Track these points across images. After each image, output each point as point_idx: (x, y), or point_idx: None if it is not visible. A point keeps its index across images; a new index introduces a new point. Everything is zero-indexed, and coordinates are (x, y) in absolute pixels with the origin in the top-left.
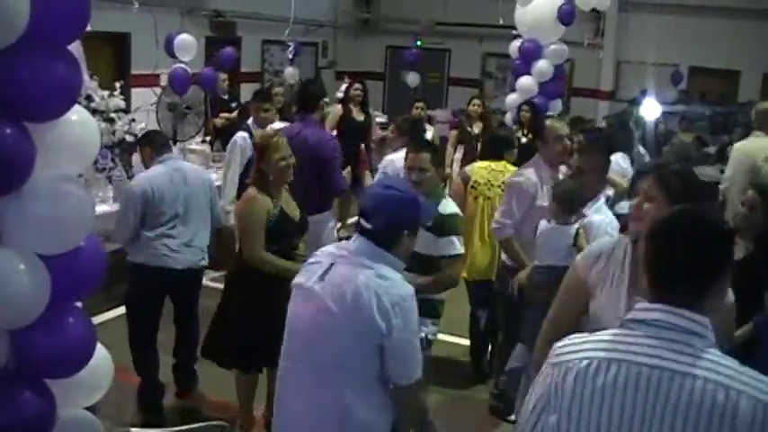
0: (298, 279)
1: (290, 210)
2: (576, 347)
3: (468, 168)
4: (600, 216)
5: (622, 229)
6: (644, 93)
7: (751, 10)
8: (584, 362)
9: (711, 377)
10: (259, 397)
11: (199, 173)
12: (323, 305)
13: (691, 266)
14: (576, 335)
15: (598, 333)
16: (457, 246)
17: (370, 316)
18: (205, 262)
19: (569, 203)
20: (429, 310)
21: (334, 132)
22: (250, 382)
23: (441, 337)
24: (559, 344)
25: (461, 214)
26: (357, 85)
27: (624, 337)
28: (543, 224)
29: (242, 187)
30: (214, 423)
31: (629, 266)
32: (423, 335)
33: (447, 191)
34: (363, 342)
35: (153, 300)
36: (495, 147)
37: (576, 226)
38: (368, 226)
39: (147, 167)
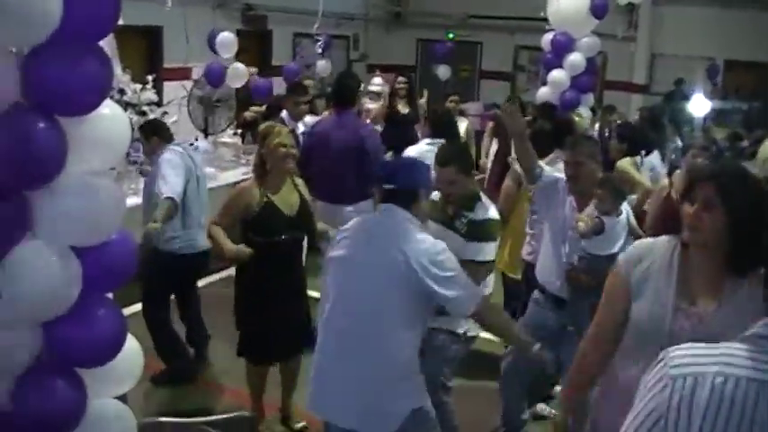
0: (337, 252)
1: (283, 203)
2: (704, 359)
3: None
4: None
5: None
6: (679, 83)
7: None
8: (719, 378)
9: None
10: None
11: (198, 154)
12: (366, 269)
13: None
14: (696, 344)
15: (723, 345)
16: (484, 252)
17: (410, 271)
18: None
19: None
20: None
21: (379, 127)
22: (259, 373)
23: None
24: (676, 353)
25: (496, 218)
26: (401, 79)
27: (757, 354)
28: (607, 219)
29: None
30: (240, 414)
31: (676, 270)
32: (461, 330)
33: (481, 193)
34: (408, 295)
35: (177, 284)
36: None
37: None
38: (390, 186)
39: (151, 157)
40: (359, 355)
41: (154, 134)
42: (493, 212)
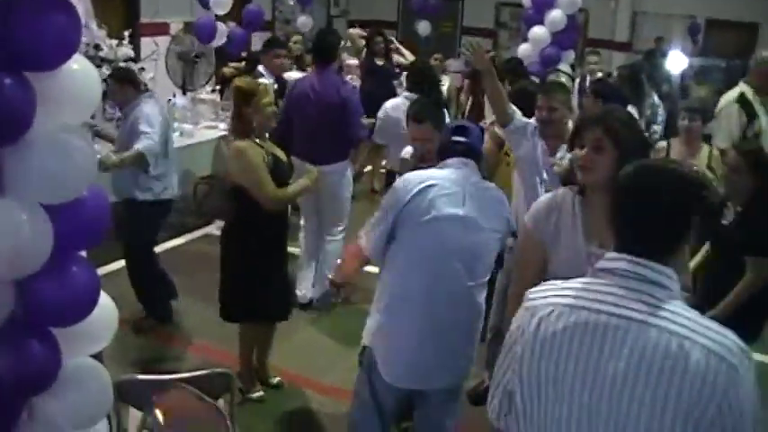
0: (445, 210)
1: (278, 153)
2: (546, 293)
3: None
4: None
5: (564, 183)
6: (659, 40)
7: None
8: (549, 308)
9: (668, 327)
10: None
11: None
12: (474, 224)
13: (655, 217)
14: (551, 282)
15: (570, 281)
16: None
17: (506, 219)
18: None
19: None
20: None
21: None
22: (259, 332)
23: None
24: (534, 289)
25: None
26: (378, 39)
27: (591, 286)
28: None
29: None
30: (218, 371)
31: (580, 218)
32: None
33: None
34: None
35: (158, 228)
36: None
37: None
38: (465, 140)
39: (122, 106)
40: (464, 307)
41: (129, 82)
42: None
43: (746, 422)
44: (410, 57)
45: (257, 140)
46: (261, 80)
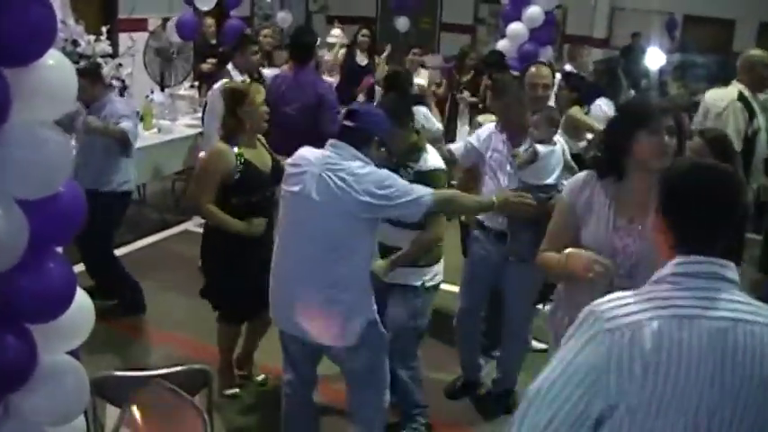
0: (290, 188)
1: (260, 160)
2: (634, 308)
3: (481, 118)
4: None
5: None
6: (636, 36)
7: None
8: (654, 322)
9: (760, 320)
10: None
11: None
12: (311, 201)
13: (727, 219)
14: (621, 294)
15: (643, 291)
16: None
17: (358, 201)
18: None
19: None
20: (430, 259)
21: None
22: (231, 331)
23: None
24: (605, 306)
25: (443, 167)
26: (365, 31)
27: (678, 292)
28: (541, 148)
29: None
30: (195, 367)
31: (612, 194)
32: (418, 283)
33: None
34: (352, 222)
35: (118, 220)
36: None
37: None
38: (349, 123)
39: (90, 103)
40: (318, 279)
41: (99, 79)
42: (439, 162)
43: None
44: (423, 81)
45: (240, 146)
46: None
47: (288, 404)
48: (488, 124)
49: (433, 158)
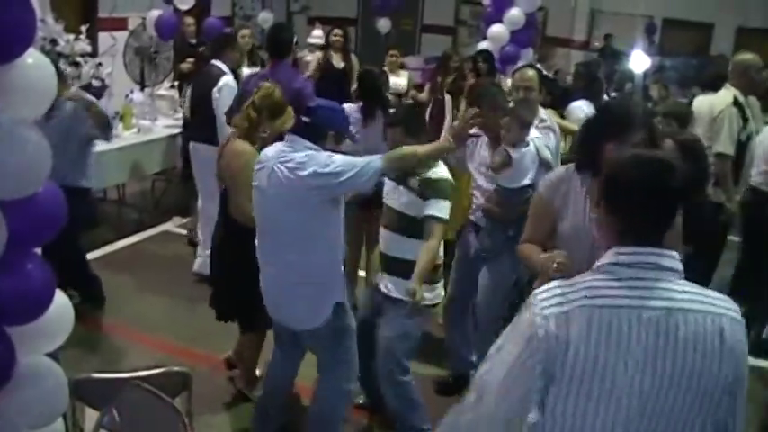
0: (254, 183)
1: None
2: (569, 296)
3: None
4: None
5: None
6: (608, 38)
7: None
8: (585, 310)
9: (697, 308)
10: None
11: None
12: (267, 194)
13: (663, 208)
14: (560, 282)
15: (577, 280)
16: (439, 207)
17: (305, 186)
18: None
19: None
20: (427, 278)
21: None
22: (256, 339)
23: None
24: (542, 295)
25: (449, 179)
26: (337, 31)
27: (607, 281)
28: (513, 153)
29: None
30: (175, 369)
31: (587, 188)
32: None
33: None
34: (310, 210)
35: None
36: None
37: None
38: (305, 119)
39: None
40: (286, 267)
41: (61, 77)
42: (447, 174)
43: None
44: (403, 81)
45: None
46: (223, 78)
47: (267, 379)
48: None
49: (441, 170)
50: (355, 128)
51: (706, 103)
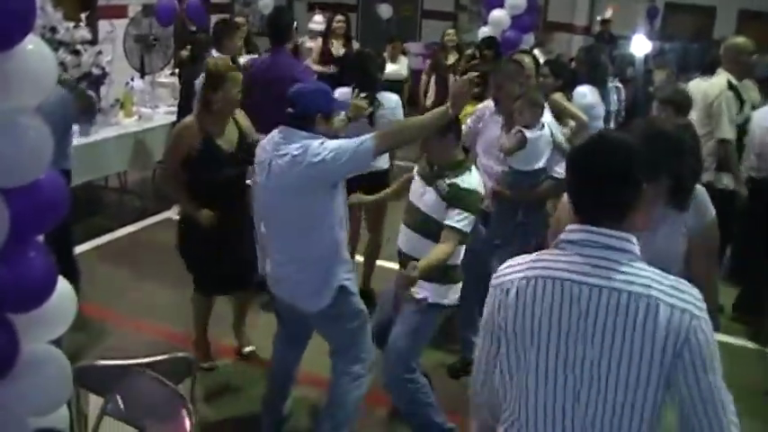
0: (255, 177)
1: (224, 140)
2: (516, 268)
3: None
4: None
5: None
6: (606, 23)
7: None
8: (523, 281)
9: (632, 289)
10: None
11: None
12: (271, 188)
13: (601, 187)
14: (523, 256)
15: (539, 254)
16: (462, 220)
17: (304, 175)
18: None
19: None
20: (440, 277)
21: (316, 67)
22: (201, 302)
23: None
24: (502, 266)
25: (479, 193)
26: (340, 18)
27: (557, 257)
28: (528, 134)
29: None
30: (179, 355)
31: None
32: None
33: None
34: (309, 197)
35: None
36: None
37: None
38: (291, 110)
39: None
40: (291, 253)
41: None
42: (478, 186)
43: (709, 362)
44: (403, 68)
45: (213, 125)
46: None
47: (273, 361)
48: (484, 104)
49: (474, 180)
50: (347, 112)
51: (700, 88)
